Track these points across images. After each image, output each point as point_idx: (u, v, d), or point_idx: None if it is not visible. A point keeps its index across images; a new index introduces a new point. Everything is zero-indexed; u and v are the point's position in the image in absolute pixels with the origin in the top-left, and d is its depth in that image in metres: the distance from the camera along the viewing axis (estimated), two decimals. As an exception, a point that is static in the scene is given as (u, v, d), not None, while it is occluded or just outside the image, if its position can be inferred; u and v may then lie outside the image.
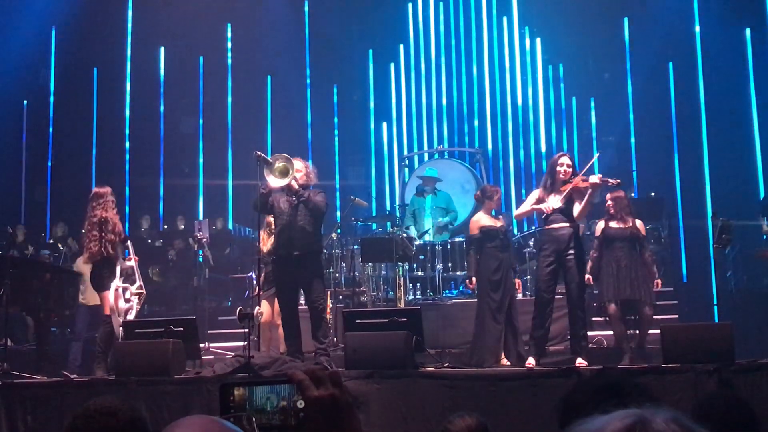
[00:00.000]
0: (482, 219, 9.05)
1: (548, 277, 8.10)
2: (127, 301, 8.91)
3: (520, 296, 10.57)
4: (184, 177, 16.56)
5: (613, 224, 8.79)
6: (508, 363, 8.52)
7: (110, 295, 8.67)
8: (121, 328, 8.67)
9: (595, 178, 8.12)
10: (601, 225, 8.95)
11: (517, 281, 8.84)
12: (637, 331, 8.99)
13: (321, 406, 1.47)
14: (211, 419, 1.56)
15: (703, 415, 2.75)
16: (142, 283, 9.13)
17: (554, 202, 8.12)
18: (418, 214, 11.90)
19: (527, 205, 8.50)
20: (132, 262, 9.07)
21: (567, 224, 8.09)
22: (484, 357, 8.61)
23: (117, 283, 8.82)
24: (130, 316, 8.90)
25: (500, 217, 9.41)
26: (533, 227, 12.18)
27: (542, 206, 8.17)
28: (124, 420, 2.41)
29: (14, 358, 9.14)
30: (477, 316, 8.91)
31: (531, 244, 11.35)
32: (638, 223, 8.89)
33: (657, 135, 15.11)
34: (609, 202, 8.87)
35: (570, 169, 8.21)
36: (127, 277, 9.01)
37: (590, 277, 8.77)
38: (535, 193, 8.39)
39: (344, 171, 16.54)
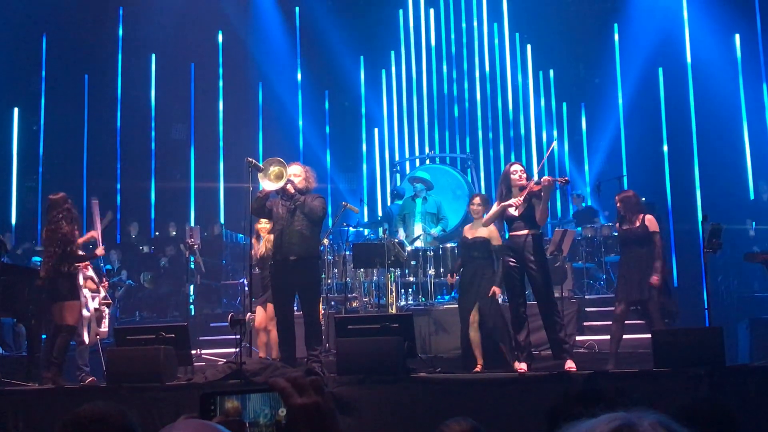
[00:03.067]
0: (464, 229, 9.36)
1: (514, 280, 8.10)
2: (97, 310, 8.99)
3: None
4: (176, 183, 16.55)
5: (624, 226, 8.80)
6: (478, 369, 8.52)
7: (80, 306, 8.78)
8: (98, 337, 8.92)
9: (544, 180, 8.08)
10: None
11: (496, 289, 8.82)
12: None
13: (305, 414, 1.45)
14: (204, 423, 1.56)
15: (685, 419, 2.76)
16: (105, 293, 9.27)
17: (515, 199, 8.06)
18: (408, 219, 11.90)
19: (492, 211, 8.40)
20: (91, 271, 9.14)
21: (527, 231, 8.07)
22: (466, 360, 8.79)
23: (85, 293, 8.94)
24: (105, 326, 9.02)
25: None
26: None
27: (511, 201, 8.05)
28: (114, 426, 2.40)
29: (5, 366, 9.11)
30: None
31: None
32: (647, 218, 8.75)
33: (647, 140, 15.17)
34: (618, 204, 8.86)
35: (524, 174, 8.20)
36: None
37: None
38: (494, 207, 8.37)
39: (336, 177, 16.55)
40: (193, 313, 12.58)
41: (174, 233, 14.71)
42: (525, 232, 8.06)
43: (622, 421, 1.29)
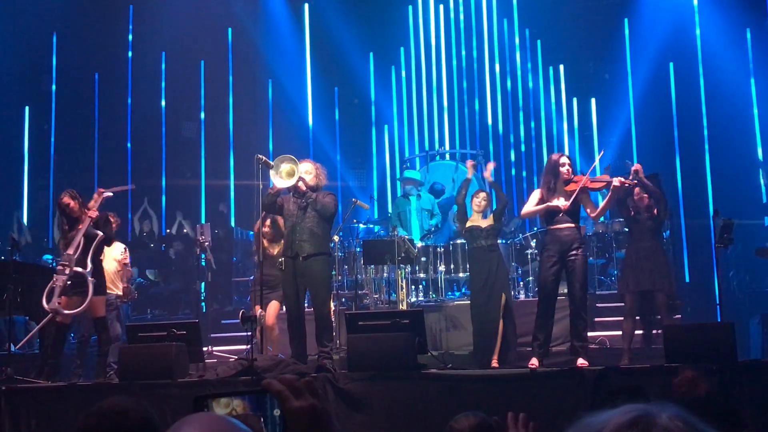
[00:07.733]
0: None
1: (552, 278, 7.96)
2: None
3: (522, 297, 10.62)
4: (186, 181, 16.58)
5: (636, 215, 8.78)
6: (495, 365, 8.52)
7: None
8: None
9: (616, 180, 7.99)
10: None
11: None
12: (653, 331, 8.99)
13: (302, 417, 1.46)
14: (218, 417, 1.56)
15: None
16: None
17: (563, 202, 8.00)
18: (403, 217, 11.87)
19: (532, 205, 8.21)
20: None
21: (572, 224, 7.95)
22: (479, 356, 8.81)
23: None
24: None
25: (489, 216, 9.29)
26: (534, 228, 12.17)
27: (557, 203, 7.95)
28: (136, 420, 2.41)
29: (18, 363, 9.15)
30: None
31: (533, 245, 11.34)
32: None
33: (658, 135, 15.11)
34: (637, 192, 8.82)
35: (570, 168, 8.17)
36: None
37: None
38: (536, 194, 8.23)
39: (345, 174, 16.55)
40: (204, 310, 12.62)
41: (185, 230, 14.74)
42: (570, 225, 7.97)
43: (640, 412, 1.30)
